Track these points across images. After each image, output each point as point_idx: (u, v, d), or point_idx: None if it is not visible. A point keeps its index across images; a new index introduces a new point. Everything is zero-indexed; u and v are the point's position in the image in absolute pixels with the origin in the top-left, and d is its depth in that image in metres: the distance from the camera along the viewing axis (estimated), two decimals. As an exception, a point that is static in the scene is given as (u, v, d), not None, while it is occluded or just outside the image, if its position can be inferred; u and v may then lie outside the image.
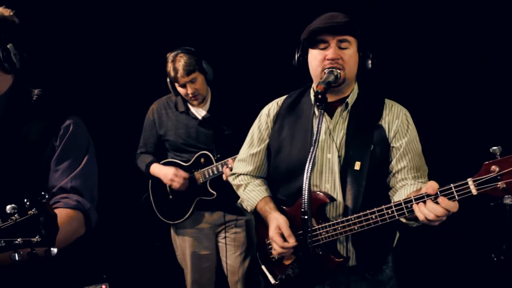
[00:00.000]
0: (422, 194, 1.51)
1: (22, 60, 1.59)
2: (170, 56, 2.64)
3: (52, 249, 1.24)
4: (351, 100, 1.86)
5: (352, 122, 1.83)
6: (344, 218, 1.71)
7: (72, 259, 1.67)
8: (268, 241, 1.94)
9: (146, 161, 2.87)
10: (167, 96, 2.87)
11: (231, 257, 2.86)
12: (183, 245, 2.88)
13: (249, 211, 2.05)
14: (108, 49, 3.32)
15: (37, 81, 1.81)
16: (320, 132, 1.55)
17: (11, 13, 1.59)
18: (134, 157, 2.99)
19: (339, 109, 1.85)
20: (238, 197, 2.74)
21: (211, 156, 2.69)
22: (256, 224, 2.06)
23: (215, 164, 2.67)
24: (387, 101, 1.89)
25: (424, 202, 1.50)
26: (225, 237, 2.84)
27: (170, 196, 2.81)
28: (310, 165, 1.49)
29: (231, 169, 2.50)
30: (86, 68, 3.32)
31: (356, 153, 1.78)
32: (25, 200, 1.24)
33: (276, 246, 1.81)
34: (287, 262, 1.89)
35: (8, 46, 1.54)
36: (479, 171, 1.42)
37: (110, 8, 3.27)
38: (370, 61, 1.81)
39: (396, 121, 1.81)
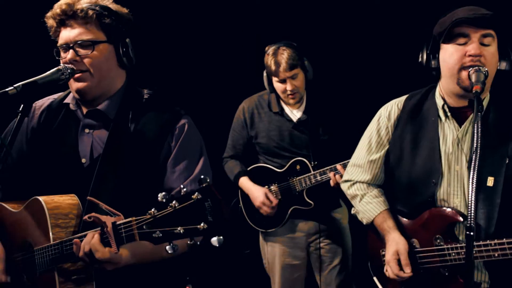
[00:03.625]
0: None
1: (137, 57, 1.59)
2: (271, 49, 2.52)
3: (216, 238, 1.13)
4: (485, 106, 1.68)
5: (485, 132, 1.63)
6: (482, 243, 1.55)
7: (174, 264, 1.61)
8: (383, 253, 1.82)
9: (234, 172, 2.76)
10: (259, 94, 2.74)
11: (326, 269, 2.72)
12: (272, 253, 2.77)
13: (364, 223, 1.93)
14: (199, 50, 3.30)
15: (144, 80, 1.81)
16: (479, 140, 1.37)
17: (127, 11, 1.60)
18: (221, 158, 2.88)
19: (470, 117, 1.67)
20: (334, 205, 2.63)
21: (308, 163, 2.57)
22: (369, 233, 1.94)
23: (312, 172, 2.54)
24: None
25: None
26: (319, 248, 2.72)
27: None
28: (475, 174, 1.33)
29: (341, 176, 2.37)
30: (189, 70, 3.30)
31: (488, 167, 1.61)
32: (182, 186, 1.16)
33: (390, 272, 1.72)
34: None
35: (127, 41, 1.54)
36: None
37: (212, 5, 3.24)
38: (507, 64, 1.63)
39: None
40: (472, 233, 1.34)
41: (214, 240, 1.13)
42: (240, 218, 2.82)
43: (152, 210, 1.16)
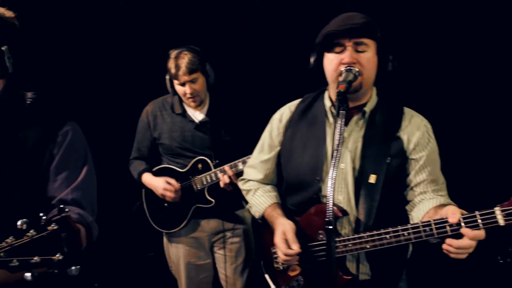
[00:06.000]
0: (443, 219, 1.44)
1: (15, 64, 1.49)
2: (174, 53, 2.51)
3: (73, 267, 1.13)
4: (368, 108, 1.77)
5: (369, 132, 1.74)
6: (356, 235, 1.62)
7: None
8: (274, 250, 1.86)
9: (138, 169, 2.74)
10: (163, 97, 2.74)
11: (230, 268, 2.73)
12: (177, 255, 2.75)
13: (256, 217, 1.96)
14: (101, 49, 3.21)
15: (28, 84, 1.71)
16: (342, 137, 1.45)
17: (13, 15, 1.50)
18: (127, 162, 2.86)
19: (355, 117, 1.76)
20: (237, 205, 2.65)
21: (209, 162, 2.57)
22: (262, 232, 1.97)
23: (213, 170, 2.55)
24: (406, 110, 1.80)
25: (445, 230, 1.42)
26: (224, 247, 2.72)
27: (165, 204, 2.68)
28: (335, 173, 1.40)
29: (229, 177, 2.42)
30: (76, 69, 3.20)
31: (371, 166, 1.69)
32: (41, 215, 1.13)
33: (280, 253, 1.73)
34: (292, 274, 1.81)
35: (3, 49, 1.45)
36: (508, 200, 1.34)
37: (104, 7, 3.16)
38: (389, 65, 1.72)
39: (417, 133, 1.72)
40: (331, 227, 1.39)
41: (71, 270, 1.14)
42: (143, 220, 2.77)
43: (10, 238, 1.13)
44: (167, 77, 2.57)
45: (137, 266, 3.40)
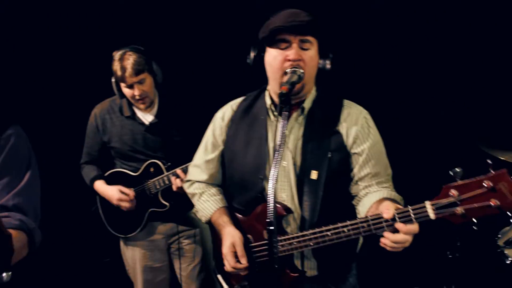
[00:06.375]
0: (378, 215, 1.46)
1: None
2: (117, 54, 2.43)
3: (4, 274, 1.11)
4: (307, 104, 1.77)
5: (309, 128, 1.73)
6: (300, 233, 1.62)
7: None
8: None
9: (90, 176, 2.68)
10: (110, 99, 2.67)
11: (186, 269, 2.73)
12: (133, 258, 2.72)
13: (203, 221, 1.95)
14: (46, 50, 3.13)
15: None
16: (284, 136, 1.45)
17: None
18: (79, 165, 2.78)
19: (294, 114, 1.76)
20: (192, 207, 2.64)
21: (161, 165, 2.55)
22: (213, 233, 1.96)
23: (166, 173, 2.52)
24: (346, 102, 1.80)
25: (382, 226, 1.45)
26: (179, 249, 2.71)
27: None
28: (277, 172, 1.38)
29: (181, 180, 2.39)
30: (20, 71, 3.10)
31: (312, 162, 1.68)
32: None
33: (228, 265, 1.73)
34: (243, 273, 1.80)
35: None
36: (438, 194, 1.38)
37: (45, 6, 3.07)
38: (330, 63, 1.72)
39: (355, 126, 1.72)
40: (272, 228, 1.39)
41: (1, 277, 1.12)
42: (99, 224, 2.73)
43: None
44: (113, 79, 2.50)
45: (94, 272, 3.34)
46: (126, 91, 2.48)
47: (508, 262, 2.39)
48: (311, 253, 1.72)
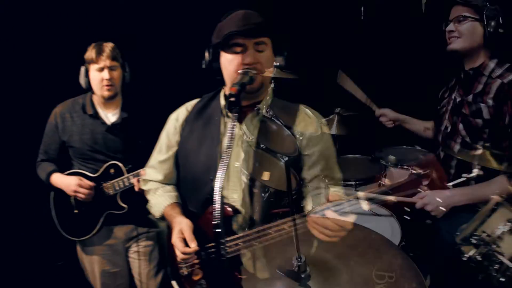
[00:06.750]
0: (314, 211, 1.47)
1: None
2: (94, 44, 2.49)
3: None
4: (262, 105, 1.77)
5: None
6: (244, 234, 1.61)
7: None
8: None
9: (47, 170, 2.60)
10: (73, 98, 2.63)
11: (144, 272, 2.69)
12: (91, 262, 2.66)
13: (157, 216, 1.93)
14: (6, 47, 3.03)
15: None
16: (233, 138, 1.43)
17: None
18: (33, 165, 2.70)
19: (249, 115, 1.76)
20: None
21: (121, 166, 2.51)
22: (168, 236, 1.92)
23: (126, 175, 2.49)
24: (301, 107, 1.82)
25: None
26: (137, 251, 2.67)
27: (75, 210, 2.58)
28: (223, 174, 1.33)
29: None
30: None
31: (266, 163, 1.65)
32: None
33: (178, 252, 1.70)
34: (196, 278, 1.80)
35: None
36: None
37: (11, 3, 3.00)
38: (285, 62, 1.71)
39: (310, 128, 1.75)
40: (219, 230, 1.35)
41: None
42: (52, 227, 2.64)
43: None
44: (82, 68, 2.50)
45: (47, 277, 3.23)
46: (96, 75, 2.47)
47: (464, 259, 2.47)
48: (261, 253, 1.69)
